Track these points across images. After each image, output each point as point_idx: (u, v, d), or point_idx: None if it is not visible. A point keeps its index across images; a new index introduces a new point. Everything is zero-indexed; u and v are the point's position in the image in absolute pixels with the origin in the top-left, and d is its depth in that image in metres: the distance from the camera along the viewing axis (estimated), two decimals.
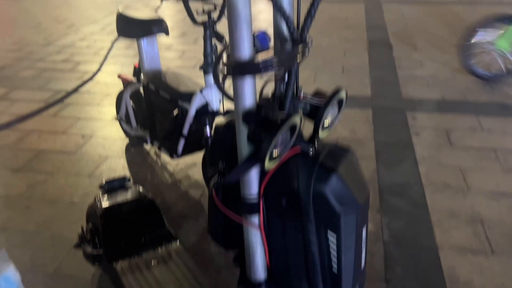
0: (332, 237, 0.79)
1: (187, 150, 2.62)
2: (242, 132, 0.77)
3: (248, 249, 0.87)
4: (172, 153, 2.63)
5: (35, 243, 2.31)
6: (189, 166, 2.99)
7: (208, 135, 2.35)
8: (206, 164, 2.57)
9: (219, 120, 2.79)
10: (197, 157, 3.04)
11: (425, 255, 2.17)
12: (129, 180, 1.90)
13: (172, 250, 1.71)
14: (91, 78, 4.53)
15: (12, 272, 0.68)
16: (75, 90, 4.25)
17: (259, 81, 0.96)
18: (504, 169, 2.83)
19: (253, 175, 0.82)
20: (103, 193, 1.83)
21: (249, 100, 0.78)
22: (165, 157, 3.10)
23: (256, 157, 0.74)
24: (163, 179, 2.87)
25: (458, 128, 3.36)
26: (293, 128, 0.77)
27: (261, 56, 0.76)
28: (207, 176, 2.62)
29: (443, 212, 2.46)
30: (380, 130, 3.34)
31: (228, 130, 0.89)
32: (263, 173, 0.83)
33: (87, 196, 2.69)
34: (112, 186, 1.84)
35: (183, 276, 1.58)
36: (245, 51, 0.74)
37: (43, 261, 2.19)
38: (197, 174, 2.89)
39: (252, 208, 0.83)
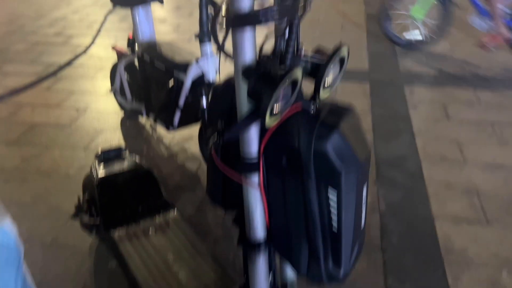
0: (332, 196, 0.78)
1: (183, 122, 2.59)
2: (242, 88, 0.75)
3: (248, 209, 0.86)
4: (168, 125, 2.61)
5: (32, 215, 2.30)
6: (186, 139, 2.97)
7: (205, 106, 2.32)
8: (202, 137, 2.55)
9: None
10: (194, 130, 3.01)
11: (420, 225, 2.18)
12: (125, 150, 1.88)
13: (170, 219, 1.71)
14: (84, 52, 4.42)
15: (8, 225, 0.67)
16: (68, 63, 4.16)
17: (259, 38, 0.94)
18: (500, 142, 2.83)
19: (253, 133, 0.80)
20: (99, 163, 1.82)
21: (249, 54, 0.75)
22: (161, 130, 3.07)
23: (257, 113, 0.73)
24: (159, 152, 2.85)
25: (456, 101, 3.35)
26: (294, 83, 0.75)
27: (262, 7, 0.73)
28: (203, 149, 2.60)
29: (439, 183, 2.47)
30: (377, 104, 3.32)
31: (226, 88, 0.87)
32: (263, 132, 0.82)
33: (82, 169, 2.67)
34: (108, 156, 1.82)
35: (181, 244, 1.58)
36: (245, 1, 0.71)
37: (40, 232, 2.19)
38: (194, 147, 2.87)
39: (252, 168, 0.82)
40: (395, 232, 2.15)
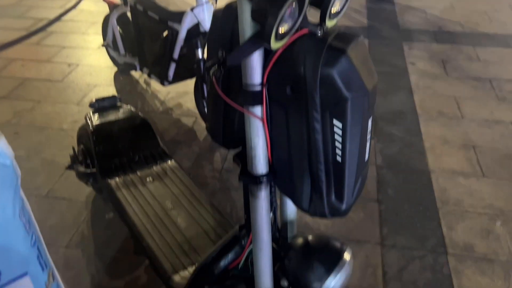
0: (337, 124, 0.76)
1: (178, 76, 2.54)
2: (245, 9, 0.71)
3: (250, 143, 0.84)
4: (163, 79, 2.55)
5: (26, 168, 2.27)
6: (181, 94, 2.92)
7: (200, 57, 2.26)
8: (198, 92, 2.50)
9: None
10: (189, 85, 2.96)
11: (417, 178, 2.19)
12: (120, 99, 1.84)
13: (167, 168, 1.69)
14: (74, 7, 4.30)
15: (4, 144, 0.65)
16: (58, 18, 4.04)
17: None
18: (498, 98, 2.82)
19: (256, 60, 0.77)
20: (93, 112, 1.78)
21: None
22: (155, 85, 3.01)
23: (261, 36, 0.69)
24: (154, 107, 2.81)
25: (455, 58, 3.30)
26: (301, 2, 0.71)
27: None
28: (199, 104, 2.56)
29: (436, 138, 2.47)
30: (375, 60, 3.27)
31: (227, 13, 0.83)
32: (266, 60, 0.78)
33: (76, 123, 2.63)
34: (103, 105, 1.78)
35: (179, 192, 1.57)
36: None
37: (35, 185, 2.17)
38: (189, 102, 2.83)
39: (255, 97, 0.79)
40: (392, 185, 2.16)
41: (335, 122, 0.76)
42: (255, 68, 0.77)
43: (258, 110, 0.81)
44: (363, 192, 2.11)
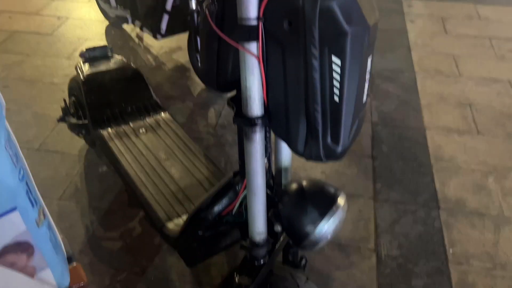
0: (336, 61, 0.73)
1: (171, 29, 2.46)
2: None
3: (244, 82, 0.81)
4: (155, 32, 2.47)
5: (17, 121, 2.23)
6: (174, 49, 2.85)
7: (194, 8, 2.18)
8: (192, 46, 2.43)
9: None
10: (182, 40, 2.88)
11: (412, 135, 2.19)
12: (111, 50, 1.78)
13: (160, 120, 1.66)
14: None
15: None
16: None
17: None
18: (497, 56, 2.78)
19: None
20: (84, 62, 1.73)
21: None
22: (148, 39, 2.93)
23: None
24: (146, 62, 2.74)
25: (454, 16, 3.23)
26: None
27: None
28: (193, 59, 2.50)
29: (433, 96, 2.45)
30: None
31: None
32: None
33: (67, 77, 2.55)
34: (94, 55, 1.73)
35: (173, 143, 1.55)
36: None
37: (27, 138, 2.14)
38: (183, 57, 2.76)
39: (250, 33, 0.76)
40: (386, 141, 2.15)
41: (334, 59, 0.73)
42: (251, 0, 0.74)
43: (253, 46, 0.78)
44: (358, 148, 2.11)
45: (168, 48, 2.86)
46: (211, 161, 1.49)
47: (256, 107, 0.84)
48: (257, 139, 0.87)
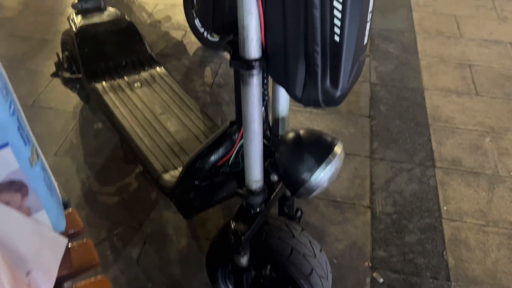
0: (337, 2, 0.70)
1: None
2: None
3: (242, 21, 0.78)
4: None
5: (10, 78, 2.19)
6: (169, 7, 2.78)
7: None
8: (187, 2, 2.36)
9: None
10: None
11: (410, 95, 2.17)
12: (104, 1, 1.73)
13: (156, 74, 1.63)
14: None
15: None
16: None
17: None
18: (499, 18, 2.72)
19: None
20: (77, 14, 1.67)
21: None
22: None
23: None
24: (141, 19, 2.67)
25: None
26: None
27: None
28: (189, 16, 2.43)
29: (433, 57, 2.41)
30: None
31: None
32: None
33: (60, 34, 2.50)
34: (87, 7, 1.67)
35: (169, 98, 1.53)
36: None
37: (20, 94, 2.11)
38: (178, 15, 2.69)
39: None
40: (384, 101, 2.14)
41: (335, 1, 0.70)
42: None
43: None
44: (355, 108, 2.09)
45: (163, 5, 2.78)
46: (207, 115, 1.47)
47: (253, 49, 0.81)
48: (254, 83, 0.85)
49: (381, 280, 1.45)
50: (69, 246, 0.90)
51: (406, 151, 1.89)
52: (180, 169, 1.27)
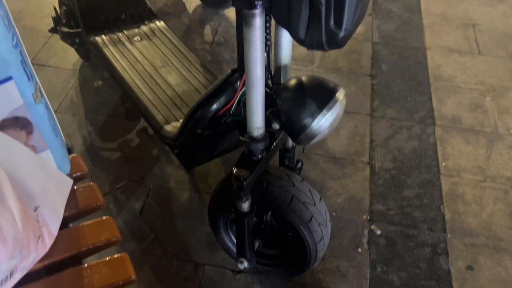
0: None
1: None
2: None
3: None
4: None
5: None
6: None
7: None
8: None
9: None
10: None
11: (412, 54, 2.15)
12: None
13: (155, 28, 1.61)
14: None
15: None
16: None
17: None
18: None
19: None
20: None
21: None
22: None
23: None
24: None
25: None
26: None
27: None
28: None
29: (436, 16, 2.38)
30: None
31: None
32: None
33: None
34: None
35: (169, 52, 1.52)
36: None
37: None
38: None
39: None
40: (386, 60, 2.12)
41: None
42: None
43: None
44: (357, 66, 2.08)
45: None
46: (207, 69, 1.46)
47: None
48: (257, 24, 0.84)
49: (378, 232, 1.48)
50: (75, 188, 0.92)
51: (407, 109, 1.90)
52: (181, 121, 1.27)
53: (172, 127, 1.25)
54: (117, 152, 1.70)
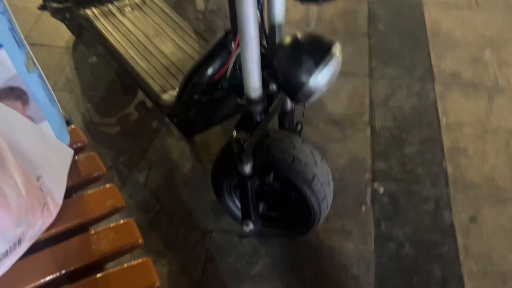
0: None
1: None
2: None
3: None
4: None
5: None
6: None
7: None
8: None
9: None
10: None
11: (409, 11, 2.11)
12: None
13: None
14: None
15: None
16: None
17: None
18: None
19: None
20: None
21: None
22: None
23: None
24: None
25: None
26: None
27: None
28: None
29: None
30: None
31: None
32: None
33: None
34: None
35: (161, 21, 1.49)
36: None
37: None
38: None
39: None
40: (383, 19, 2.08)
41: None
42: None
43: None
44: (353, 27, 2.05)
45: None
46: (201, 36, 1.44)
47: None
48: None
49: (381, 190, 1.50)
50: (76, 158, 0.92)
51: (406, 67, 1.88)
52: (178, 89, 1.26)
53: (169, 96, 1.24)
54: (117, 126, 1.70)
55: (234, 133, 1.02)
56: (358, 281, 1.30)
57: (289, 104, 1.27)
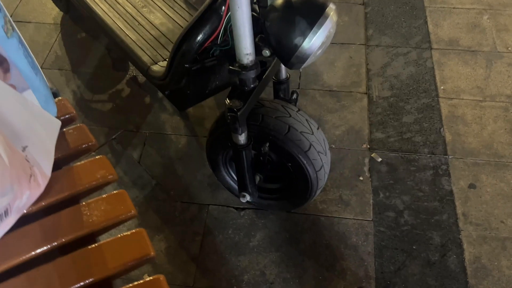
0: None
1: None
2: None
3: None
4: None
5: None
6: None
7: None
8: None
9: None
10: None
11: None
12: None
13: None
14: None
15: None
16: None
17: None
18: None
19: None
20: None
21: None
22: None
23: None
24: None
25: None
26: None
27: None
28: None
29: None
30: None
31: None
32: None
33: None
34: None
35: None
36: None
37: None
38: None
39: None
40: None
41: None
42: None
43: None
44: None
45: None
46: (191, 5, 1.39)
47: None
48: None
49: (379, 159, 1.48)
50: (64, 130, 0.89)
51: (402, 35, 1.83)
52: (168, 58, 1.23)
53: (160, 67, 1.20)
54: (109, 103, 1.66)
55: (227, 102, 0.99)
56: (357, 250, 1.29)
57: (283, 72, 1.24)
